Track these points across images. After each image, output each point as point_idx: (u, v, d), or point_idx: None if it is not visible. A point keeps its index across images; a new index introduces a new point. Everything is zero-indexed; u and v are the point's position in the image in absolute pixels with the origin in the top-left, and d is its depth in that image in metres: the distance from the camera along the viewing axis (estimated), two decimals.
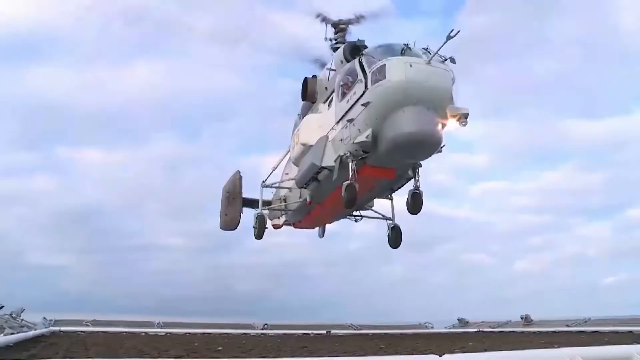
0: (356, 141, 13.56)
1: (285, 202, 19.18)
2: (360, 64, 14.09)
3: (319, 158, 14.99)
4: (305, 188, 16.80)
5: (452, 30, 12.12)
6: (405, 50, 13.30)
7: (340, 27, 17.75)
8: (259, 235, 18.83)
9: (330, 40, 18.05)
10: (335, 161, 14.59)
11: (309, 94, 17.57)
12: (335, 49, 17.82)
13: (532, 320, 22.41)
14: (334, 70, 16.47)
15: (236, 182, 19.71)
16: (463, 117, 12.81)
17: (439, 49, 12.85)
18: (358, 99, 13.70)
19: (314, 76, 17.86)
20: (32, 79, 51.33)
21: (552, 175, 61.18)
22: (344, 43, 17.47)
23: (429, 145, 13.24)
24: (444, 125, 13.09)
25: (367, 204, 17.67)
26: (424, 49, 13.57)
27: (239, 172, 20.07)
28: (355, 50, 15.15)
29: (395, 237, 17.18)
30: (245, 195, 19.58)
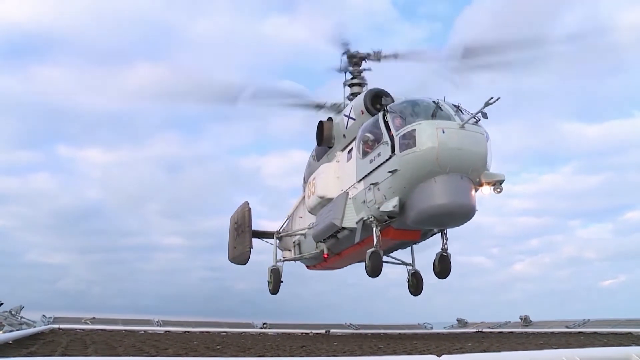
0: (382, 209, 12.70)
1: (299, 246, 17.93)
2: (385, 122, 12.96)
3: (339, 219, 14.01)
4: (322, 242, 15.91)
5: (491, 98, 11.49)
6: (436, 111, 12.23)
7: (356, 61, 16.66)
8: (274, 290, 17.71)
9: (345, 72, 16.91)
10: (357, 223, 13.74)
11: (325, 138, 16.20)
12: (350, 85, 16.83)
13: (531, 321, 22.41)
14: (353, 119, 15.10)
15: (245, 213, 18.65)
16: (498, 184, 12.21)
17: (476, 114, 12.01)
18: (383, 162, 12.73)
19: (330, 119, 16.54)
20: (35, 78, 51.37)
21: (551, 177, 61.31)
22: (359, 79, 16.63)
23: (462, 215, 12.47)
24: (477, 190, 12.33)
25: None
26: (454, 106, 12.68)
27: (247, 203, 19.05)
28: (377, 99, 14.00)
29: (416, 284, 15.92)
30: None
